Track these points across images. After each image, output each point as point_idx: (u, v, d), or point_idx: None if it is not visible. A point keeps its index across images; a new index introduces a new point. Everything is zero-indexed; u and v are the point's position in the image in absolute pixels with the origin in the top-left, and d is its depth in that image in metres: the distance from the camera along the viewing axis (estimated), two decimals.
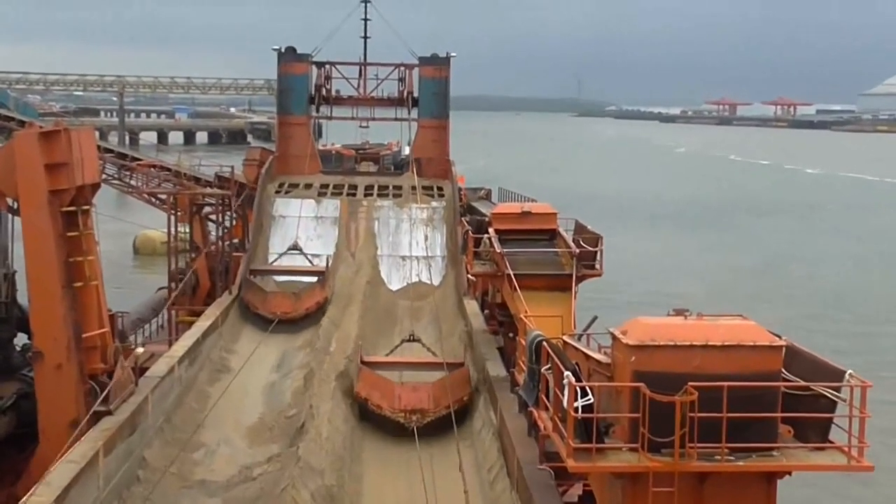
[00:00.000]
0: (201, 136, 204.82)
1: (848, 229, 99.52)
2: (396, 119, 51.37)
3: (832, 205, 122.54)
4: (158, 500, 20.57)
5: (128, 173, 54.82)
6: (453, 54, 49.65)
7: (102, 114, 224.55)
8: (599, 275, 26.14)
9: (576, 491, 19.77)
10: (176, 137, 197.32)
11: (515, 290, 24.00)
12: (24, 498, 16.74)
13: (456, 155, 49.78)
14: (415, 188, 45.39)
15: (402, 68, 50.62)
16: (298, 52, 49.50)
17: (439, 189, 46.42)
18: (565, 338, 17.82)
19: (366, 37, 52.40)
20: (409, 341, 30.28)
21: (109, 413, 21.08)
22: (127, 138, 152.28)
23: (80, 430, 20.27)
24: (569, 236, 27.28)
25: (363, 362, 27.46)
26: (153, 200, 54.05)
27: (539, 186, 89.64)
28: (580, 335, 19.16)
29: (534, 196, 48.29)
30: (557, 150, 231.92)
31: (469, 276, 32.22)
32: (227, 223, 42.41)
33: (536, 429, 17.95)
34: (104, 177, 47.30)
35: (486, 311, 32.17)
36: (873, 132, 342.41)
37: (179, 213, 43.20)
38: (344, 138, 70.54)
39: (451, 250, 41.61)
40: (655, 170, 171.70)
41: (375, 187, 46.69)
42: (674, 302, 17.43)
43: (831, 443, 14.30)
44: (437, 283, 40.15)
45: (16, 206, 23.08)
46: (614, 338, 14.51)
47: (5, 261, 25.38)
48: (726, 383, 13.49)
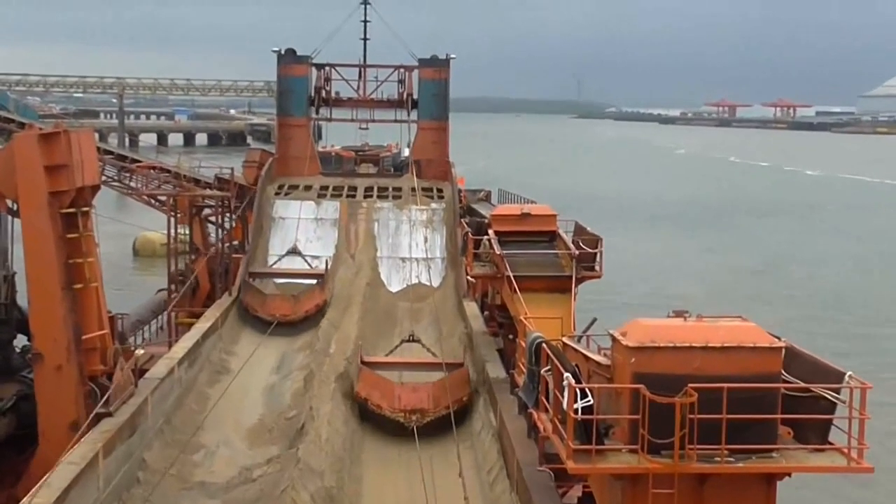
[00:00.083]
0: (201, 138, 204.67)
1: (848, 230, 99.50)
2: (396, 121, 51.37)
3: (832, 206, 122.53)
4: (158, 502, 20.58)
5: (127, 175, 54.74)
6: (453, 56, 49.66)
7: (102, 115, 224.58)
8: (599, 276, 26.15)
9: (575, 492, 19.74)
10: (176, 139, 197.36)
11: (515, 291, 24.00)
12: (25, 499, 16.74)
13: (456, 157, 49.80)
14: (414, 190, 45.38)
15: (402, 70, 50.64)
16: (298, 53, 49.52)
17: (439, 191, 46.42)
18: (565, 339, 17.82)
19: (365, 38, 52.44)
20: (408, 342, 30.32)
21: (109, 415, 21.08)
22: (127, 140, 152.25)
23: (80, 432, 20.27)
24: (568, 238, 27.28)
25: (363, 362, 27.51)
26: (153, 202, 54.00)
27: (539, 188, 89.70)
28: (580, 337, 19.15)
29: (534, 198, 48.32)
30: (557, 151, 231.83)
31: (469, 277, 32.20)
32: (227, 225, 42.40)
33: (536, 430, 17.97)
34: (104, 178, 47.25)
35: (486, 313, 32.17)
36: (873, 134, 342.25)
37: (179, 215, 43.15)
38: (343, 140, 70.50)
39: (451, 252, 41.60)
40: (655, 171, 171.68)
41: (375, 189, 46.68)
42: (673, 303, 17.45)
43: (831, 444, 14.30)
44: (436, 284, 40.16)
45: (16, 207, 23.11)
46: (614, 339, 14.51)
47: (5, 262, 25.39)
48: (726, 385, 13.49)
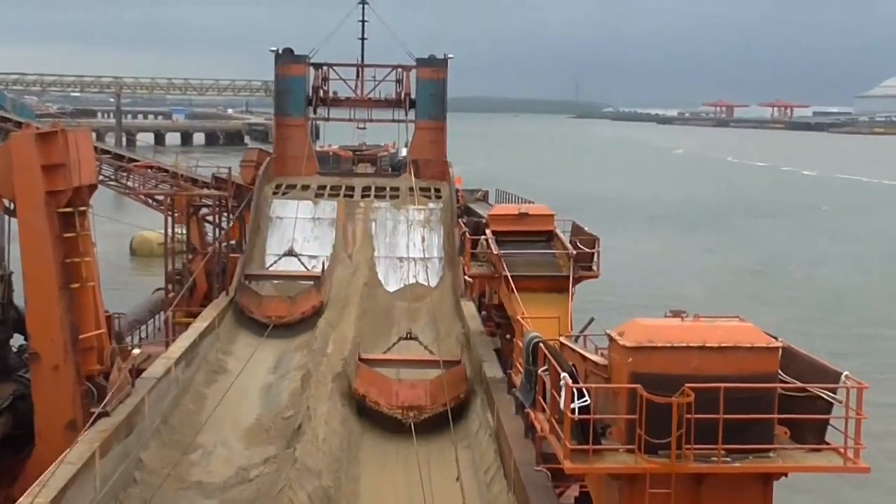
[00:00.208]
0: (198, 138, 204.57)
1: (845, 231, 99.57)
2: (394, 121, 51.34)
3: (829, 206, 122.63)
4: (155, 502, 20.52)
5: (125, 174, 54.78)
6: (451, 55, 49.64)
7: (99, 115, 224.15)
8: (596, 276, 26.15)
9: (572, 492, 19.78)
10: (173, 138, 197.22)
11: (512, 291, 24.01)
12: (22, 499, 16.73)
13: (453, 156, 49.79)
14: (412, 190, 45.37)
15: (400, 70, 50.62)
16: (296, 53, 49.49)
17: (436, 190, 46.38)
18: (562, 339, 17.81)
19: (363, 38, 52.40)
20: (406, 339, 30.35)
21: (106, 414, 21.04)
22: (124, 139, 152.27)
23: (76, 432, 20.26)
24: (566, 238, 27.28)
25: (361, 359, 27.53)
26: (150, 202, 54.00)
27: (537, 188, 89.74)
28: (577, 336, 19.14)
29: (531, 197, 48.32)
30: (555, 151, 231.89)
31: (466, 277, 32.18)
32: (224, 224, 42.39)
33: (533, 430, 17.98)
34: (101, 178, 47.26)
35: (484, 313, 32.19)
36: (870, 134, 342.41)
37: (176, 215, 43.16)
38: (341, 140, 70.47)
39: (449, 252, 41.59)
40: (653, 171, 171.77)
41: (373, 189, 46.63)
42: (671, 303, 17.44)
43: (828, 444, 14.31)
44: (434, 284, 40.13)
45: (13, 207, 23.11)
46: (611, 339, 14.51)
47: (2, 262, 25.42)
48: (723, 385, 13.49)
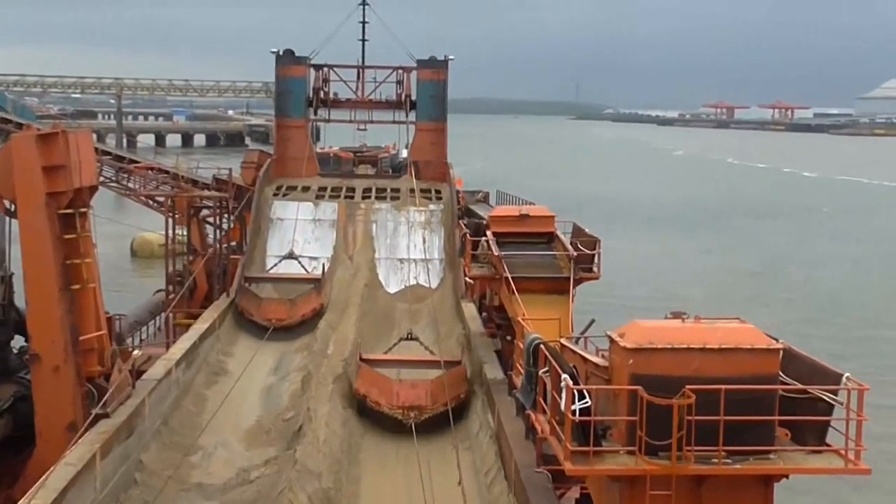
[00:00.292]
0: (199, 139, 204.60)
1: (845, 232, 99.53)
2: (394, 122, 51.40)
3: (829, 208, 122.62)
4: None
5: (125, 176, 54.75)
6: (451, 57, 49.68)
7: (100, 116, 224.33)
8: (597, 278, 26.15)
9: (573, 494, 19.75)
10: (174, 140, 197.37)
11: (513, 292, 24.01)
12: (22, 501, 16.71)
13: (454, 158, 49.82)
14: (413, 191, 45.38)
15: (400, 71, 50.68)
16: (296, 54, 49.52)
17: (437, 192, 46.39)
18: (563, 341, 17.81)
19: (364, 39, 52.45)
20: (406, 340, 30.37)
21: (107, 416, 21.04)
22: (125, 141, 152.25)
23: (77, 433, 20.25)
24: (567, 239, 27.28)
25: (362, 359, 27.54)
26: (151, 203, 54.00)
27: (538, 189, 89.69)
28: (578, 338, 19.14)
29: (532, 199, 48.30)
30: (556, 152, 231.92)
31: (467, 278, 32.19)
32: (225, 226, 42.37)
33: (534, 432, 17.97)
34: (102, 179, 47.24)
35: (484, 314, 32.19)
36: (871, 136, 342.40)
37: (177, 216, 43.10)
38: (342, 141, 70.50)
39: (449, 253, 41.60)
40: (654, 173, 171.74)
41: (373, 190, 46.65)
42: (671, 305, 17.47)
43: (828, 446, 14.29)
44: (434, 285, 40.12)
45: (13, 208, 23.10)
46: (612, 341, 14.51)
47: (2, 263, 25.38)
48: (724, 386, 13.48)
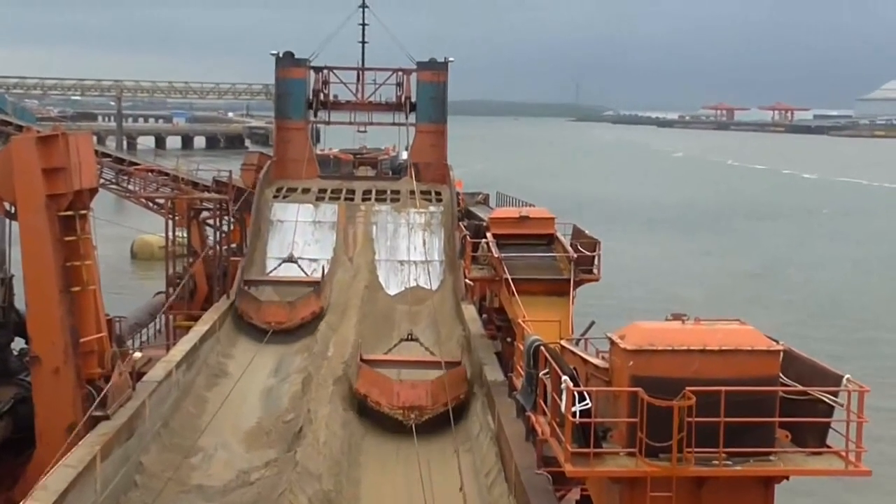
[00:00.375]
0: (199, 141, 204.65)
1: (845, 234, 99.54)
2: (394, 124, 51.42)
3: (829, 209, 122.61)
4: None
5: (125, 178, 54.71)
6: (451, 59, 49.70)
7: (100, 118, 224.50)
8: (597, 279, 26.16)
9: (573, 496, 19.72)
10: (174, 142, 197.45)
11: (513, 294, 24.00)
12: (21, 503, 16.71)
13: (453, 160, 49.83)
14: (413, 193, 45.38)
15: (400, 73, 50.69)
16: (296, 56, 49.53)
17: (437, 193, 46.40)
18: (563, 342, 17.80)
19: (364, 41, 52.49)
20: (407, 340, 30.38)
21: (107, 418, 21.05)
22: (125, 143, 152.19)
23: (77, 435, 20.25)
24: (567, 241, 27.28)
25: (363, 360, 27.55)
26: (151, 205, 53.96)
27: (538, 191, 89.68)
28: (578, 340, 19.15)
29: (532, 200, 48.29)
30: (556, 154, 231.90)
31: (467, 280, 32.21)
32: (225, 228, 42.37)
33: (534, 433, 17.96)
34: (102, 181, 47.21)
35: (484, 316, 32.17)
36: (870, 137, 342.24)
37: (177, 218, 43.08)
38: (342, 143, 70.50)
39: (449, 255, 41.61)
40: (654, 174, 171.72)
41: (373, 192, 46.66)
42: (672, 307, 17.46)
43: (829, 448, 14.29)
44: (434, 287, 40.13)
45: (13, 210, 23.10)
46: (612, 342, 14.51)
47: (3, 265, 25.38)
48: (724, 388, 13.49)
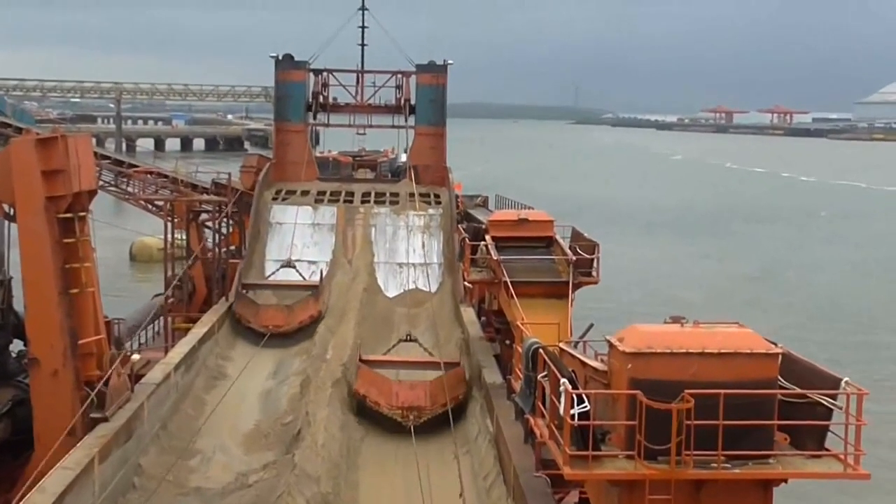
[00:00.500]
0: (198, 143, 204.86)
1: (844, 237, 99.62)
2: (393, 126, 51.40)
3: (828, 212, 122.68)
4: None
5: (125, 180, 54.69)
6: (450, 61, 49.68)
7: (99, 120, 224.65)
8: (596, 282, 26.15)
9: (572, 498, 19.74)
10: (173, 144, 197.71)
11: (512, 297, 24.00)
12: None
13: (452, 162, 49.80)
14: (412, 195, 45.38)
15: (400, 75, 50.69)
16: (296, 59, 49.52)
17: (436, 196, 46.38)
18: (562, 345, 17.82)
19: (363, 44, 52.51)
20: (405, 341, 30.40)
21: (105, 420, 21.05)
22: (124, 145, 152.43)
23: (75, 437, 20.24)
24: (565, 243, 27.28)
25: (362, 360, 27.56)
26: (150, 207, 53.97)
27: (537, 193, 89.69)
28: (577, 342, 19.14)
29: (531, 203, 48.21)
30: (555, 157, 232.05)
31: (466, 283, 32.21)
32: (224, 230, 42.38)
33: (533, 436, 17.96)
34: (101, 183, 47.22)
35: (483, 319, 32.18)
36: (869, 140, 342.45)
37: (176, 220, 43.14)
38: (341, 145, 70.52)
39: (448, 257, 41.59)
40: (653, 177, 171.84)
41: (372, 194, 46.65)
42: (670, 309, 17.46)
43: (828, 450, 14.29)
44: (433, 290, 40.11)
45: (12, 212, 23.10)
46: (611, 345, 14.51)
47: (1, 267, 25.39)
48: (723, 391, 13.50)
